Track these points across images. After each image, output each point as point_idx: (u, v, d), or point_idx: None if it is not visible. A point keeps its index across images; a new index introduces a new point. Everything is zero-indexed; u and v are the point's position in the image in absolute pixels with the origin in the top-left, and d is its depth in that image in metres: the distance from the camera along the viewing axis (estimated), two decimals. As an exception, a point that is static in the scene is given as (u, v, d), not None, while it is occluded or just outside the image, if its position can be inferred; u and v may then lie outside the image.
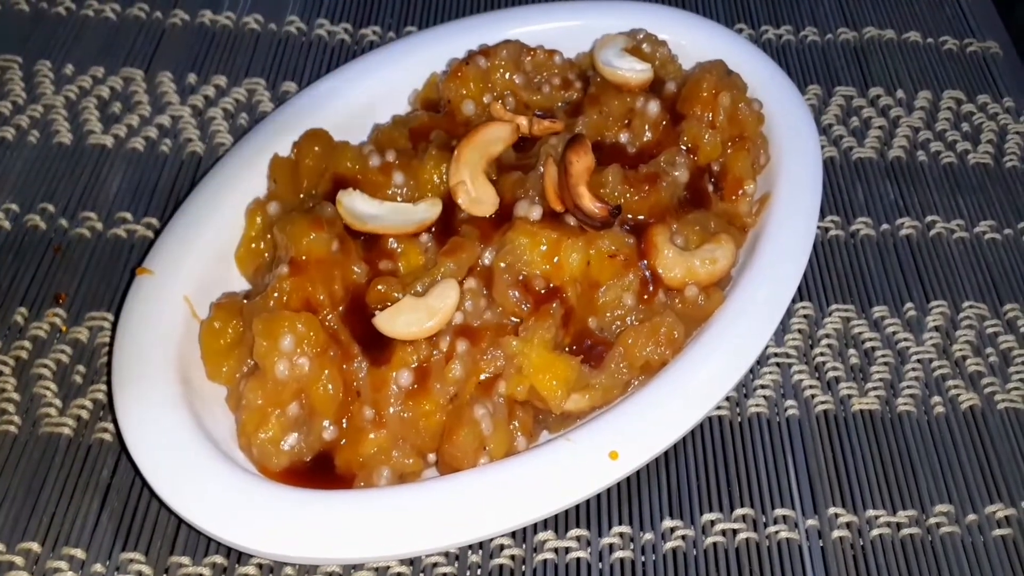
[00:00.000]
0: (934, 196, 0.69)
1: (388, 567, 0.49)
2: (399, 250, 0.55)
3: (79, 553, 0.49)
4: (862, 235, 0.66)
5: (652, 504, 0.52)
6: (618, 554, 0.50)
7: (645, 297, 0.54)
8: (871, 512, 0.52)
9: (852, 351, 0.60)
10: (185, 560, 0.49)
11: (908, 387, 0.58)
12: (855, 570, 0.50)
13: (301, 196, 0.58)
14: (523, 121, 0.60)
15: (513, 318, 0.52)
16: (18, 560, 0.48)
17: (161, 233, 0.56)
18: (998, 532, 0.52)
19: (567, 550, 0.50)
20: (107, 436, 0.53)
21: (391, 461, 0.49)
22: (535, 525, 0.51)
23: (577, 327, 0.53)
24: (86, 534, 0.49)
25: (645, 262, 0.55)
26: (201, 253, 0.55)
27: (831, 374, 0.58)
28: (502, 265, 0.53)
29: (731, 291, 0.56)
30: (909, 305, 0.62)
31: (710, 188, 0.61)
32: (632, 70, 0.62)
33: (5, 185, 0.64)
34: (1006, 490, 0.54)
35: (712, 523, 0.52)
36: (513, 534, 0.50)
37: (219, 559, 0.49)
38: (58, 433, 0.53)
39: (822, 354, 0.59)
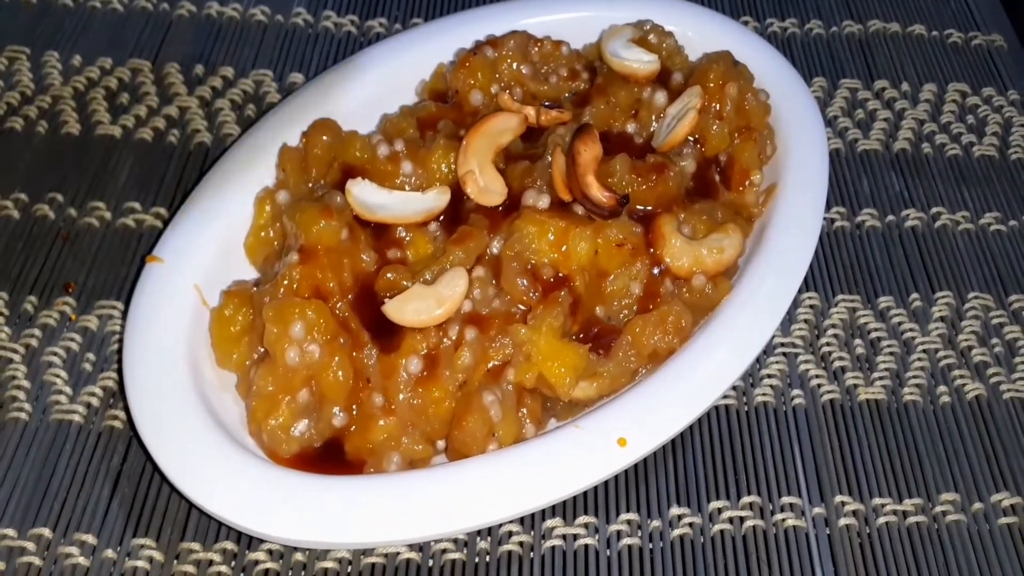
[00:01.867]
0: (939, 188, 0.69)
1: (397, 552, 0.49)
2: (408, 239, 0.55)
3: (90, 539, 0.49)
4: (868, 226, 0.66)
5: (660, 492, 0.52)
6: (626, 541, 0.50)
7: (650, 291, 0.54)
8: (877, 500, 0.53)
9: (858, 341, 0.60)
10: (196, 546, 0.49)
11: (914, 377, 0.58)
12: (862, 558, 0.51)
13: (310, 185, 0.58)
14: (531, 111, 0.60)
15: (521, 306, 0.53)
16: (29, 545, 0.49)
17: (171, 222, 0.56)
18: (1004, 520, 0.52)
19: (575, 537, 0.51)
20: (117, 423, 0.53)
21: (401, 448, 0.50)
22: (543, 512, 0.51)
23: (585, 315, 0.54)
24: (97, 520, 0.50)
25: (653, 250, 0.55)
26: (210, 242, 0.56)
27: (837, 364, 0.59)
28: (510, 254, 0.53)
29: (738, 280, 0.56)
30: (915, 296, 0.62)
31: (717, 178, 0.61)
32: (639, 61, 0.62)
33: (14, 175, 0.65)
34: (1012, 479, 0.54)
35: (719, 511, 0.52)
36: (521, 520, 0.51)
37: (229, 545, 0.49)
38: (68, 420, 0.53)
39: (828, 344, 0.60)
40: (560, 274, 0.53)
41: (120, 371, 0.52)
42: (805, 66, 0.77)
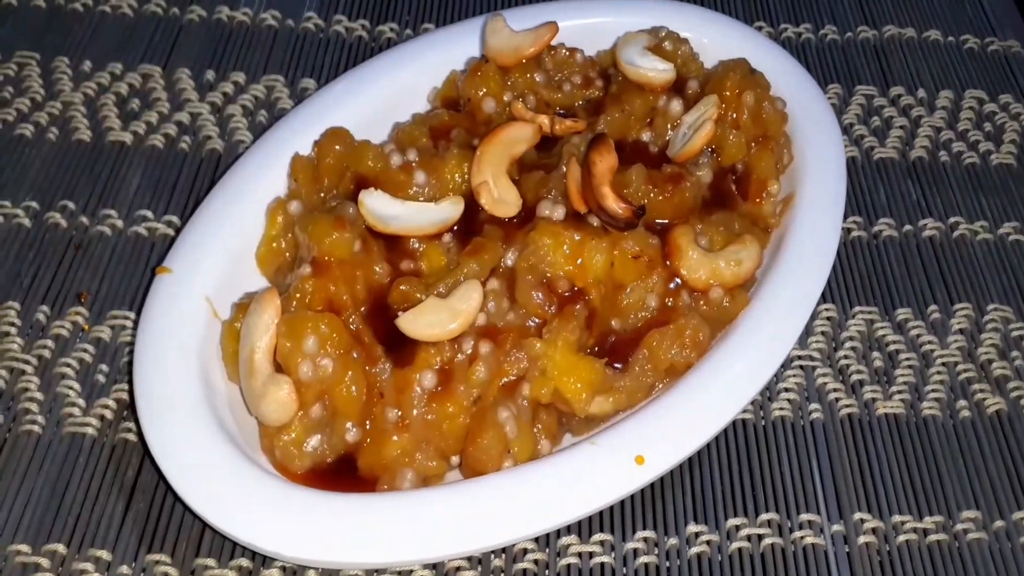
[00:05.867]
0: (957, 197, 0.68)
1: (411, 571, 0.49)
2: (421, 250, 0.54)
3: (105, 555, 0.49)
4: (885, 236, 0.66)
5: (676, 509, 0.52)
6: (642, 559, 0.50)
7: (668, 302, 0.54)
8: (897, 518, 0.52)
9: (876, 354, 0.59)
10: (211, 562, 0.49)
11: (933, 391, 0.58)
12: None
13: (322, 195, 0.58)
14: (545, 120, 0.59)
15: (536, 320, 0.52)
16: (44, 562, 0.48)
17: (181, 232, 0.56)
18: (1025, 538, 0.52)
19: (591, 555, 0.50)
20: (131, 436, 0.53)
21: (414, 463, 0.49)
22: (559, 529, 0.50)
23: (601, 329, 0.53)
24: (111, 535, 0.49)
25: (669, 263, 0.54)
26: (221, 252, 0.55)
27: (855, 377, 0.58)
28: (525, 266, 0.52)
29: (756, 293, 0.55)
30: (933, 307, 0.62)
31: (733, 188, 0.60)
32: (655, 69, 0.61)
33: (25, 182, 0.64)
34: (1033, 495, 0.53)
35: (737, 528, 0.51)
36: (536, 538, 0.50)
37: (245, 562, 0.49)
38: (82, 433, 0.53)
39: (846, 357, 0.59)
40: (576, 287, 0.52)
41: (131, 386, 0.51)
42: (820, 72, 0.76)
